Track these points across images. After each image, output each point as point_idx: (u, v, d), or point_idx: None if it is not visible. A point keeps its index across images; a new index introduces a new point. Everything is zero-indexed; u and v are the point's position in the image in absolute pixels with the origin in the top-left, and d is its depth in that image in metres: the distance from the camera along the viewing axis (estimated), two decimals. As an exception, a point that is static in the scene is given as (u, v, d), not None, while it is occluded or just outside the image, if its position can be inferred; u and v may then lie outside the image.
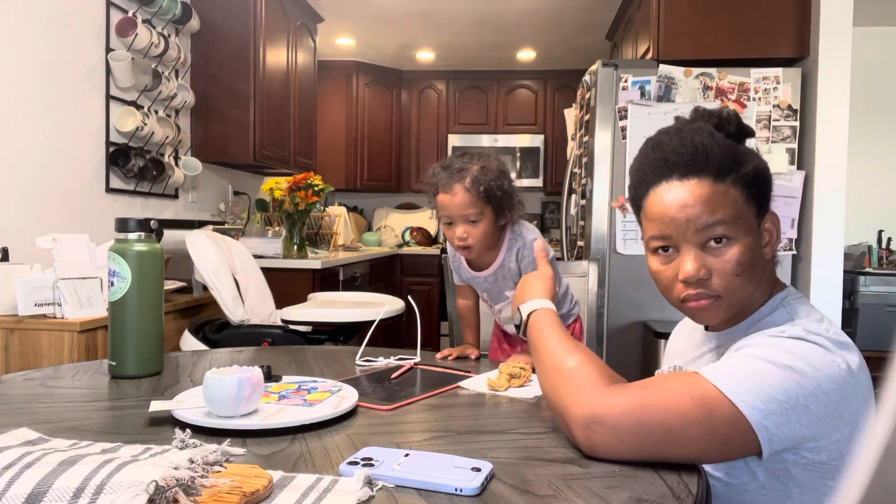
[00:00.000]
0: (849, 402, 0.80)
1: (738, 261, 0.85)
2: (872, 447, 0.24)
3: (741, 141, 0.92)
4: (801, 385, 0.77)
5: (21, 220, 2.17)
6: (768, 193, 0.90)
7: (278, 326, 2.08)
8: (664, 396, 0.79)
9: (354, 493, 0.67)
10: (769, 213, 0.90)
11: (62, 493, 0.59)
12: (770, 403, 0.76)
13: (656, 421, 0.77)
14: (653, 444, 0.77)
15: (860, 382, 0.81)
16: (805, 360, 0.79)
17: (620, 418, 0.78)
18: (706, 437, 0.77)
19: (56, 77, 2.31)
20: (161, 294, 1.24)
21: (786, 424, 0.77)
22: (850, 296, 3.00)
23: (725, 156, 0.88)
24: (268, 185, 3.21)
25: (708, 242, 0.86)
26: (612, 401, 0.79)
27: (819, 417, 0.78)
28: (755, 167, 0.88)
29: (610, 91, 2.58)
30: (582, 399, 0.81)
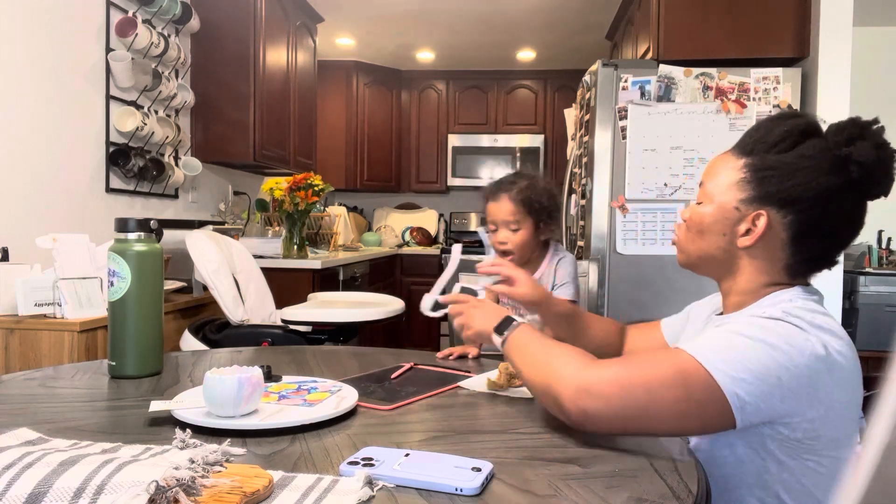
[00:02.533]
0: (822, 382, 0.83)
1: (696, 220, 0.99)
2: (872, 447, 0.24)
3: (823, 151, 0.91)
4: (774, 357, 0.82)
5: (21, 220, 2.17)
6: (771, 192, 0.92)
7: (278, 326, 2.08)
8: (646, 366, 0.85)
9: (355, 493, 0.67)
10: (764, 210, 0.93)
11: (62, 493, 0.59)
12: (742, 372, 0.81)
13: (639, 387, 0.83)
14: (636, 409, 0.83)
15: (838, 365, 0.84)
16: (779, 336, 0.84)
17: (606, 386, 0.84)
18: (684, 403, 0.82)
19: (56, 77, 2.31)
20: (161, 294, 1.24)
21: (757, 394, 0.81)
22: (850, 296, 3.00)
23: (757, 140, 0.95)
24: (268, 185, 3.21)
25: (700, 200, 1.01)
26: (597, 372, 0.86)
27: (791, 391, 0.82)
28: (775, 164, 0.92)
29: (610, 91, 2.58)
30: (569, 375, 0.87)
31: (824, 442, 0.86)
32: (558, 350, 0.93)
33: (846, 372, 0.85)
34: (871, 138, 0.89)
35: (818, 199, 0.90)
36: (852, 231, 0.95)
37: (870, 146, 0.88)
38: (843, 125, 0.91)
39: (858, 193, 0.91)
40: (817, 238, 0.93)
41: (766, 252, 0.95)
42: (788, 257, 0.95)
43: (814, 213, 0.91)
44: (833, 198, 0.90)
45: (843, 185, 0.90)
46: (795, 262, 0.95)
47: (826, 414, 0.84)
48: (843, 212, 0.92)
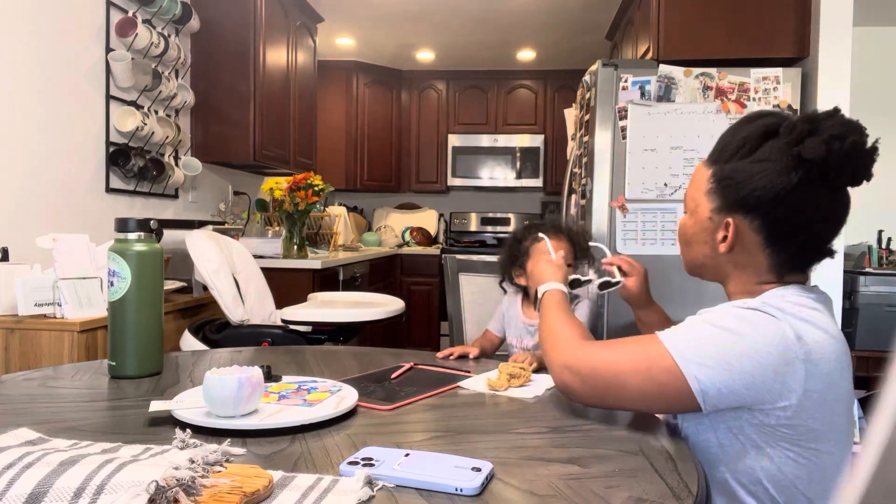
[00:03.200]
0: (793, 371, 0.85)
1: (681, 231, 1.07)
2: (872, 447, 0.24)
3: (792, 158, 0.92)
4: (737, 346, 0.86)
5: (21, 220, 2.17)
6: (732, 200, 0.96)
7: (278, 326, 2.08)
8: (619, 349, 0.95)
9: (355, 492, 0.67)
10: (730, 218, 0.97)
11: (63, 493, 0.59)
12: (704, 359, 0.87)
13: (609, 369, 0.93)
14: (605, 388, 0.93)
15: (813, 355, 0.86)
16: (748, 324, 0.87)
17: (584, 366, 0.95)
18: (646, 382, 0.90)
19: (56, 77, 2.31)
20: (161, 294, 1.24)
21: (718, 381, 0.86)
22: (850, 296, 3.00)
23: (721, 148, 1.00)
24: (268, 185, 3.21)
25: (685, 209, 1.06)
26: (581, 352, 0.97)
27: (755, 379, 0.85)
28: (731, 173, 0.96)
29: (610, 91, 2.58)
30: (561, 349, 1.00)
31: (801, 432, 0.87)
32: (568, 325, 1.05)
33: (825, 363, 0.86)
34: (824, 132, 0.89)
35: (778, 201, 0.92)
36: (828, 224, 0.94)
37: (820, 141, 0.89)
38: (795, 123, 0.93)
39: (824, 187, 0.92)
40: (790, 236, 0.94)
41: (747, 256, 0.97)
42: (769, 258, 0.96)
43: (778, 215, 0.93)
44: (794, 196, 0.91)
45: (802, 182, 0.91)
46: (778, 261, 0.96)
47: (800, 403, 0.86)
48: (810, 208, 0.92)
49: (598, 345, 0.98)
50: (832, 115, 0.93)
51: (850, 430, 0.92)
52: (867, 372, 2.90)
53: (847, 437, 0.91)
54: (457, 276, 2.00)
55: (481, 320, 1.99)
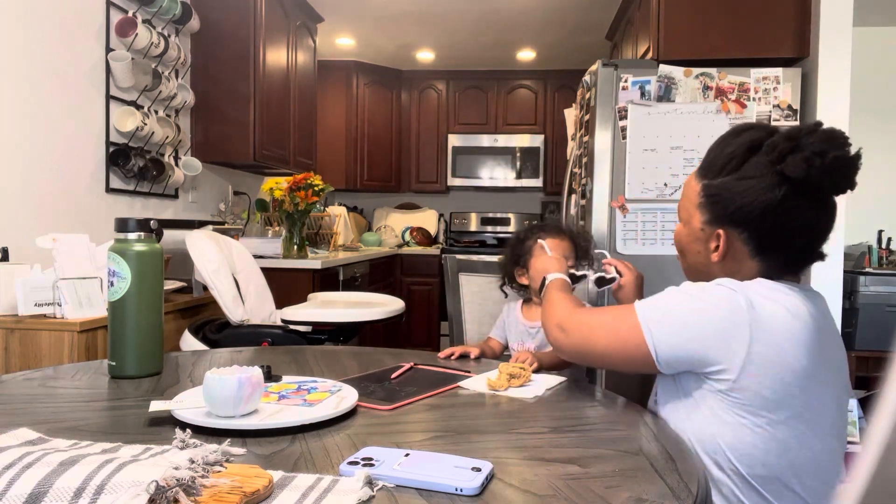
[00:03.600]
0: (739, 333, 0.92)
1: (677, 240, 1.14)
2: (872, 447, 0.24)
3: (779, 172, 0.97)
4: (689, 304, 0.97)
5: (21, 220, 2.17)
6: (721, 215, 1.02)
7: (278, 326, 2.08)
8: (600, 312, 1.12)
9: (355, 492, 0.67)
10: (721, 230, 1.03)
11: (63, 493, 0.59)
12: (661, 317, 0.98)
13: (587, 322, 1.09)
14: (582, 338, 1.08)
15: (763, 324, 0.92)
16: (704, 291, 0.98)
17: (569, 322, 1.11)
18: (613, 337, 1.02)
19: (56, 77, 2.31)
20: (161, 294, 1.24)
21: (669, 335, 0.96)
22: (850, 296, 3.00)
23: (709, 164, 1.06)
24: (268, 185, 3.21)
25: (679, 219, 1.13)
26: (569, 313, 1.13)
27: (702, 336, 0.94)
28: (719, 190, 1.02)
29: (610, 91, 2.58)
30: (555, 314, 1.16)
31: (750, 398, 0.93)
32: (567, 299, 1.20)
33: (774, 332, 0.92)
34: (805, 149, 0.93)
35: (765, 215, 0.97)
36: (815, 233, 0.99)
37: (801, 159, 0.93)
38: (777, 141, 0.97)
39: (808, 200, 0.96)
40: (778, 247, 1.00)
41: (738, 264, 1.04)
42: (759, 265, 1.02)
43: (765, 228, 0.99)
44: (780, 211, 0.97)
45: (787, 197, 0.96)
46: (768, 267, 1.02)
47: (744, 366, 0.92)
48: (796, 220, 0.97)
49: (586, 309, 1.16)
50: (813, 130, 0.95)
51: (815, 408, 0.94)
52: (867, 372, 2.90)
53: (812, 414, 0.94)
54: (457, 276, 2.00)
55: (481, 320, 1.99)
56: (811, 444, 0.94)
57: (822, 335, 0.95)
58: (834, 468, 0.98)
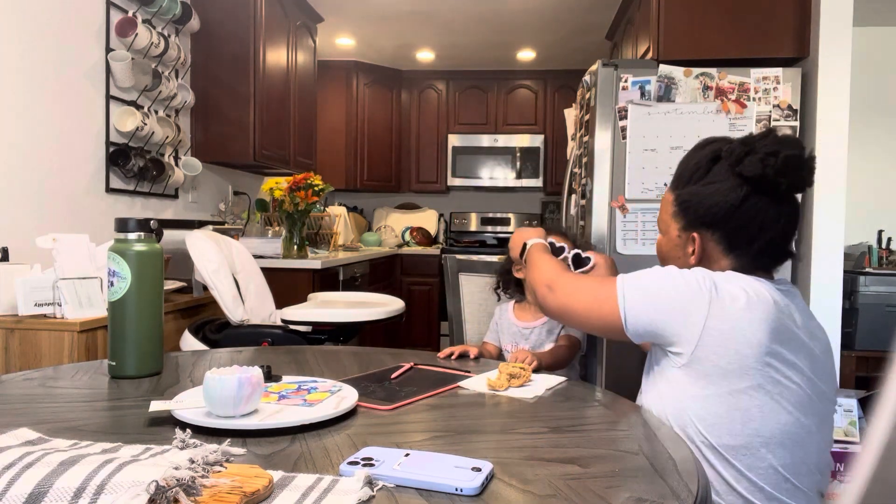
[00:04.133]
0: (697, 307, 1.02)
1: (658, 250, 1.25)
2: (872, 447, 0.24)
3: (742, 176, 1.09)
4: (662, 280, 1.07)
5: (21, 220, 2.17)
6: (693, 219, 1.14)
7: (278, 326, 2.08)
8: (586, 278, 1.22)
9: (355, 492, 0.67)
10: (695, 233, 1.14)
11: (63, 493, 0.59)
12: (635, 284, 1.09)
13: (573, 284, 1.19)
14: (566, 296, 1.18)
15: (722, 302, 1.01)
16: (677, 270, 1.09)
17: (556, 283, 1.21)
18: (591, 299, 1.13)
19: (56, 77, 2.31)
20: (161, 294, 1.24)
21: (639, 301, 1.07)
22: (850, 296, 3.00)
23: (678, 176, 1.18)
24: (268, 185, 3.21)
25: (659, 229, 1.24)
26: (557, 274, 1.23)
27: (668, 308, 1.05)
28: (689, 197, 1.14)
29: (610, 91, 2.58)
30: (543, 274, 1.25)
31: (709, 368, 1.02)
32: (552, 262, 1.30)
33: (732, 310, 1.01)
34: (759, 151, 1.06)
35: (731, 214, 1.09)
36: (780, 229, 1.10)
37: (756, 160, 1.05)
38: (733, 147, 1.10)
39: (769, 197, 1.08)
40: (747, 243, 1.10)
41: (714, 263, 1.14)
42: (731, 262, 1.13)
43: (733, 226, 1.10)
44: (744, 209, 1.08)
45: (748, 196, 1.08)
46: (740, 264, 1.12)
47: (701, 338, 1.02)
48: (760, 216, 1.08)
49: (572, 273, 1.28)
50: (766, 135, 1.09)
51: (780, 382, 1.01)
52: (867, 372, 2.90)
53: (775, 388, 1.01)
54: (457, 276, 2.00)
55: (481, 320, 1.99)
56: (777, 416, 1.01)
57: (789, 321, 1.03)
58: (810, 444, 1.04)
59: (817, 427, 1.05)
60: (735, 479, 1.02)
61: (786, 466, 1.01)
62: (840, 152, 2.48)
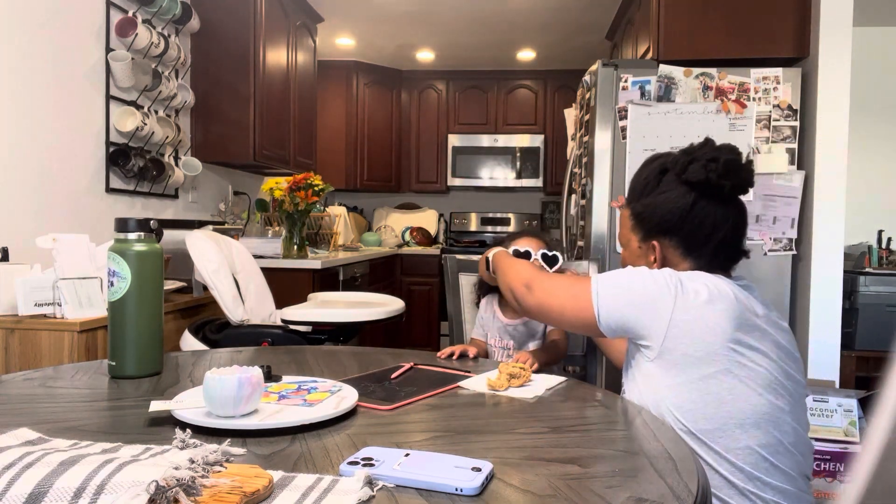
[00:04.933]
0: (664, 302, 1.09)
1: (623, 259, 1.32)
2: (872, 447, 0.24)
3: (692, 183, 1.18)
4: (633, 277, 1.15)
5: (21, 220, 2.17)
6: (650, 228, 1.22)
7: (278, 326, 2.08)
8: (562, 276, 1.28)
9: (355, 492, 0.67)
10: (654, 241, 1.22)
11: (63, 493, 0.59)
12: (607, 279, 1.17)
13: (551, 283, 1.25)
14: (544, 295, 1.23)
15: (686, 296, 1.09)
16: (646, 269, 1.16)
17: (535, 282, 1.26)
18: (568, 296, 1.19)
19: (56, 77, 2.31)
20: (161, 294, 1.24)
21: (611, 297, 1.14)
22: (850, 296, 3.00)
23: (631, 192, 1.27)
24: (268, 185, 3.21)
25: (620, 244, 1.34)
26: (536, 275, 1.28)
27: (638, 302, 1.12)
28: (642, 208, 1.23)
29: (610, 91, 2.58)
30: (520, 274, 1.31)
31: (678, 357, 1.09)
32: (524, 264, 1.38)
33: (699, 304, 1.08)
34: (701, 159, 1.15)
35: (683, 219, 1.18)
36: (730, 229, 1.18)
37: (699, 166, 1.15)
38: (678, 157, 1.20)
39: (715, 199, 1.17)
40: (702, 244, 1.18)
41: (674, 268, 1.20)
42: (692, 264, 1.20)
43: (686, 230, 1.18)
44: (694, 213, 1.17)
45: (696, 200, 1.17)
46: (700, 265, 1.19)
47: (668, 330, 1.09)
48: (710, 218, 1.17)
49: (547, 273, 1.37)
50: (705, 144, 1.20)
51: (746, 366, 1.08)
52: (867, 372, 2.90)
53: (742, 371, 1.07)
54: (457, 276, 2.00)
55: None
56: (748, 398, 1.07)
57: (749, 312, 1.10)
58: (783, 423, 1.09)
59: (790, 407, 1.11)
60: (716, 462, 1.07)
61: (762, 446, 1.07)
62: (840, 152, 2.48)
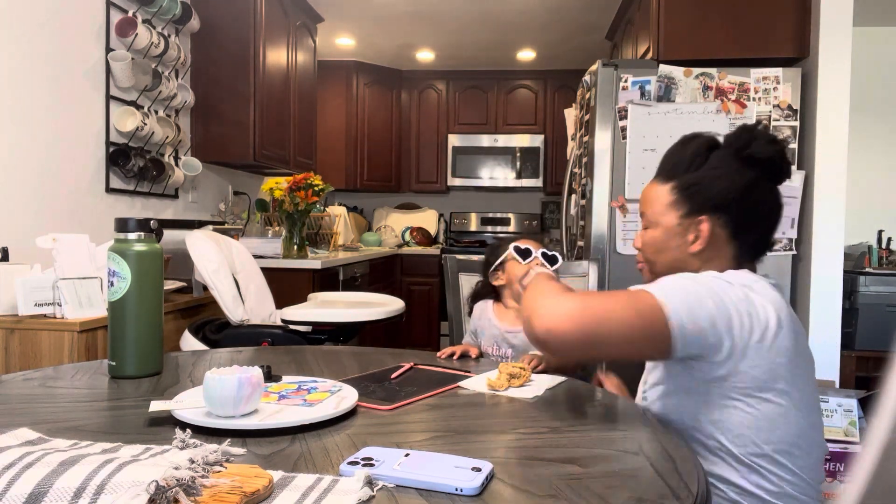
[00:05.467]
0: (737, 321, 0.98)
1: (651, 242, 1.17)
2: (872, 447, 0.24)
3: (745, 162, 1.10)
4: (703, 290, 0.99)
5: (21, 220, 2.17)
6: (702, 203, 1.11)
7: (278, 326, 2.08)
8: (609, 293, 1.03)
9: (355, 492, 0.67)
10: (701, 217, 1.11)
11: (63, 493, 0.59)
12: (680, 296, 0.98)
13: (601, 304, 0.98)
14: (596, 322, 0.96)
15: (755, 314, 0.99)
16: (712, 279, 1.03)
17: (571, 306, 0.98)
18: (632, 316, 0.96)
19: (56, 77, 2.31)
20: (161, 294, 1.24)
21: (690, 314, 0.97)
22: (850, 296, 3.00)
23: (674, 165, 1.15)
24: (268, 185, 3.21)
25: (646, 226, 1.18)
26: (567, 297, 1.01)
27: (715, 316, 0.97)
28: (697, 180, 1.11)
29: (610, 91, 2.58)
30: (544, 300, 1.02)
31: (746, 380, 0.99)
32: (562, 287, 1.08)
33: (768, 321, 0.99)
34: (763, 137, 1.09)
35: (741, 197, 1.09)
36: (777, 214, 1.12)
37: (765, 143, 1.09)
38: (738, 133, 1.12)
39: (770, 182, 1.11)
40: (751, 227, 1.11)
41: (715, 251, 1.12)
42: (734, 249, 1.12)
43: (741, 209, 1.09)
44: (751, 192, 1.09)
45: (755, 179, 1.09)
46: (741, 251, 1.12)
47: (742, 350, 0.98)
48: (764, 200, 1.10)
49: (590, 292, 1.15)
50: (758, 124, 1.16)
51: (799, 385, 1.02)
52: (867, 372, 2.90)
53: (796, 391, 1.02)
54: (457, 276, 2.00)
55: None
56: (796, 418, 1.01)
57: (798, 326, 1.05)
58: (819, 441, 1.06)
59: (819, 420, 1.07)
60: (756, 486, 1.00)
61: (799, 465, 1.01)
62: (840, 152, 2.48)
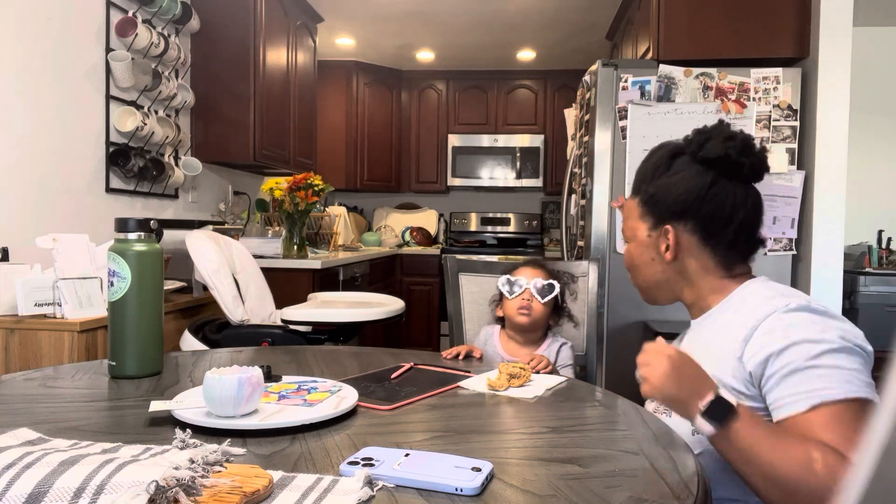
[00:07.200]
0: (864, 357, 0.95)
1: (628, 258, 1.18)
2: (872, 447, 0.24)
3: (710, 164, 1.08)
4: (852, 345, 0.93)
5: (21, 220, 2.17)
6: (663, 212, 1.10)
7: (278, 326, 2.08)
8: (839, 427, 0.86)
9: (355, 492, 0.67)
10: (665, 227, 1.10)
11: (63, 493, 0.59)
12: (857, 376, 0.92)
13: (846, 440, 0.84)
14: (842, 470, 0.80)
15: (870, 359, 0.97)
16: (827, 328, 0.93)
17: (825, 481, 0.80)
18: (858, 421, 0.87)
19: (56, 77, 2.31)
20: (161, 294, 1.24)
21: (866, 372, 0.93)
22: (850, 296, 3.00)
23: (640, 179, 1.15)
24: (268, 185, 3.21)
25: (625, 241, 1.19)
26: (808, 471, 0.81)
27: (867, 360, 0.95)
28: (655, 190, 1.11)
29: (610, 91, 2.58)
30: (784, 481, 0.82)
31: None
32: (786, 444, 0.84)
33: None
34: (718, 136, 1.07)
35: (700, 200, 1.07)
36: (747, 211, 1.08)
37: (718, 143, 1.06)
38: (693, 136, 1.10)
39: (734, 180, 1.08)
40: (720, 229, 1.08)
41: (692, 257, 1.10)
42: (711, 253, 1.09)
43: (704, 212, 1.07)
44: (712, 193, 1.06)
45: (715, 180, 1.07)
46: (719, 255, 1.09)
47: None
48: (728, 200, 1.07)
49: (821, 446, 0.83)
50: (720, 124, 1.11)
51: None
52: (867, 372, 2.90)
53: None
54: (457, 276, 2.00)
55: (481, 320, 1.99)
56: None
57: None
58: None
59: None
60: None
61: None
62: (840, 152, 2.48)
